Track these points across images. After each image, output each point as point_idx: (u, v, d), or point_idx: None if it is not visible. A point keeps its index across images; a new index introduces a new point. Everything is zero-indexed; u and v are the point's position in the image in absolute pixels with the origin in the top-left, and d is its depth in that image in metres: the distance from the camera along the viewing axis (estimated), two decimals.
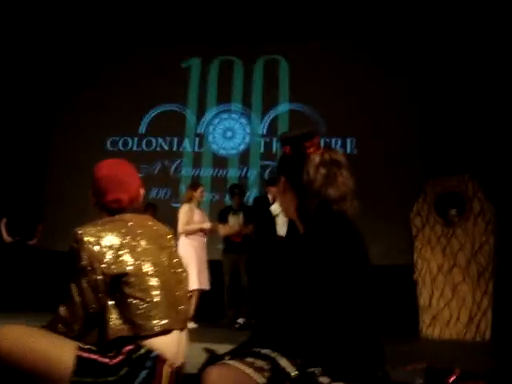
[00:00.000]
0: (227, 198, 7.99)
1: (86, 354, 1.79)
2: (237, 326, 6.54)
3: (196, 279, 6.36)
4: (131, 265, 1.85)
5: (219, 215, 6.99)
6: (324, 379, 1.61)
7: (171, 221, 7.27)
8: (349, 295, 1.74)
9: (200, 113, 9.18)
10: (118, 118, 9.18)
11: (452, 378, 2.30)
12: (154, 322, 1.83)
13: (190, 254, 6.41)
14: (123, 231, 1.92)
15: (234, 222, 6.90)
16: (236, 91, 9.21)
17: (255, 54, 9.27)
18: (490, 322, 6.28)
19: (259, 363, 1.64)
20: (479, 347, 5.94)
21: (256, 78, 9.20)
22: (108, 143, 9.22)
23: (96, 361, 1.77)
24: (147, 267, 1.88)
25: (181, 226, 6.55)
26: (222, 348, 1.95)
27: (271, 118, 8.96)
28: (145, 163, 8.89)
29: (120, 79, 9.37)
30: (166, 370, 1.82)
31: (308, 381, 1.60)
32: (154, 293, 1.86)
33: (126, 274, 1.84)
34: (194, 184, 7.06)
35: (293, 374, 1.61)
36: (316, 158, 1.93)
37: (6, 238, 7.48)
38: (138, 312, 1.82)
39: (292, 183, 1.96)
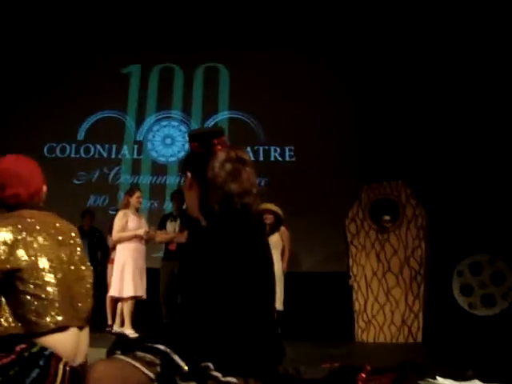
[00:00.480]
0: (166, 205, 7.94)
1: None
2: None
3: (131, 286, 6.26)
4: (25, 260, 1.81)
5: (160, 222, 6.93)
6: (216, 374, 1.61)
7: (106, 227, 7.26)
8: (242, 291, 1.75)
9: (139, 120, 9.10)
10: (56, 124, 8.97)
11: (362, 374, 2.33)
12: (48, 318, 1.78)
13: (125, 260, 6.30)
14: (19, 227, 1.87)
15: (171, 228, 6.84)
16: (176, 98, 9.18)
17: (195, 61, 9.26)
18: (422, 323, 6.44)
19: (150, 357, 1.63)
20: (411, 348, 6.07)
21: (196, 85, 9.19)
22: (45, 149, 9.01)
23: None
24: (43, 263, 1.84)
25: (114, 233, 6.45)
26: None
27: (211, 125, 8.95)
28: (83, 170, 8.75)
29: (59, 85, 9.17)
30: (61, 369, 1.77)
31: (200, 375, 1.60)
32: (50, 289, 1.81)
33: (19, 270, 1.79)
34: (131, 189, 6.93)
35: (184, 367, 1.61)
36: (222, 155, 1.96)
37: None
38: (32, 308, 1.78)
39: (198, 179, 1.97)
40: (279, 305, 6.84)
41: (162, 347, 1.65)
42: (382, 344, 6.37)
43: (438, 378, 2.83)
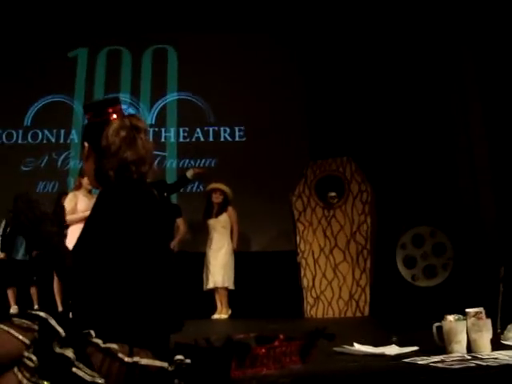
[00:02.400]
0: None
1: None
2: None
3: None
4: None
5: None
6: (97, 340, 1.62)
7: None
8: (131, 260, 1.76)
9: (87, 103, 8.94)
10: (1, 109, 8.79)
11: (275, 342, 2.37)
12: None
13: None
14: None
15: None
16: (124, 81, 9.08)
17: (143, 43, 9.17)
18: (369, 297, 6.55)
19: (27, 323, 1.63)
20: (358, 322, 6.18)
21: (144, 67, 9.11)
22: None
23: None
24: None
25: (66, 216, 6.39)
26: None
27: (160, 107, 8.90)
28: (31, 156, 8.63)
29: (3, 70, 8.98)
30: None
31: (79, 340, 1.61)
32: None
33: None
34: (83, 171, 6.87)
35: (61, 332, 1.62)
36: (116, 123, 1.97)
37: None
38: None
39: (94, 149, 1.98)
40: (230, 284, 6.94)
41: (41, 313, 1.66)
42: (330, 319, 6.46)
43: (355, 344, 2.89)
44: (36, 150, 8.71)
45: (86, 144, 2.00)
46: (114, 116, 1.99)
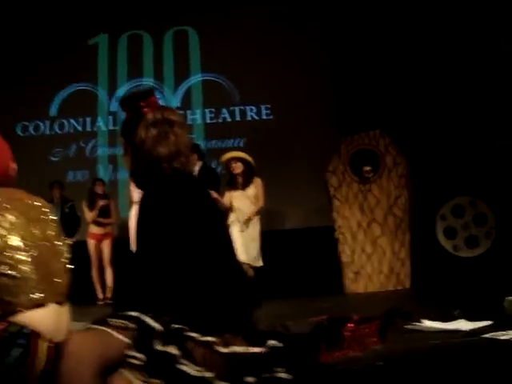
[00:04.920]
0: None
1: None
2: None
3: None
4: None
5: None
6: (194, 334, 1.61)
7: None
8: (196, 250, 1.75)
9: (111, 90, 8.93)
10: (26, 102, 8.79)
11: (349, 324, 2.35)
12: (24, 297, 1.76)
13: None
14: None
15: None
16: (147, 65, 9.01)
17: (163, 26, 9.07)
18: (409, 270, 6.52)
19: (123, 323, 1.62)
20: (401, 295, 6.16)
21: (166, 50, 9.02)
22: (18, 128, 8.86)
23: None
24: (15, 241, 1.80)
25: None
26: None
27: (184, 89, 8.84)
28: (59, 146, 8.63)
29: (26, 62, 8.95)
30: (43, 346, 1.76)
31: (176, 336, 1.60)
32: (24, 267, 1.78)
33: None
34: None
35: (159, 328, 1.61)
36: (148, 118, 1.94)
37: None
38: (6, 288, 1.75)
39: (130, 144, 1.96)
40: (258, 261, 6.20)
41: (133, 313, 1.65)
42: (371, 293, 6.45)
43: (423, 321, 2.86)
44: (64, 140, 8.71)
45: (123, 140, 2.00)
46: (147, 110, 1.95)
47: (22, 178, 2.17)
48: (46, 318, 1.80)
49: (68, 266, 1.98)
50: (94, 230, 7.05)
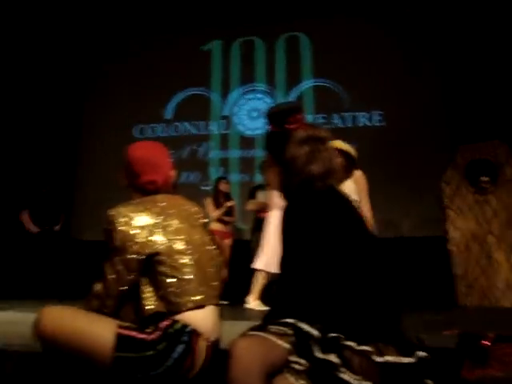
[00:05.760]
0: (256, 177, 8.04)
1: (125, 332, 1.85)
2: None
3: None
4: (163, 244, 1.90)
5: (249, 193, 7.03)
6: (350, 343, 1.64)
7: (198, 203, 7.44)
8: (348, 263, 1.76)
9: (224, 95, 9.20)
10: (143, 105, 9.25)
11: (486, 342, 2.29)
12: (187, 298, 1.87)
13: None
14: (155, 211, 1.97)
15: (262, 197, 6.90)
16: (259, 71, 9.19)
17: (275, 32, 9.21)
18: None
19: (283, 329, 1.67)
20: None
21: (278, 56, 9.16)
22: (136, 131, 9.31)
23: (134, 337, 1.83)
24: (179, 246, 1.92)
25: None
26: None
27: (296, 95, 8.92)
28: (173, 148, 8.95)
29: (143, 67, 9.43)
30: (202, 344, 1.87)
31: (333, 344, 1.63)
32: (187, 270, 1.90)
33: (158, 253, 1.89)
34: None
35: (316, 334, 1.65)
36: (299, 135, 1.93)
37: (33, 228, 7.62)
38: (171, 289, 1.87)
39: (276, 160, 1.97)
40: None
41: (290, 320, 1.70)
42: (485, 308, 6.22)
43: None
44: (178, 142, 9.04)
45: (268, 154, 2.01)
46: (295, 126, 1.96)
47: None
48: (206, 319, 1.91)
49: (219, 269, 2.09)
50: (216, 226, 7.13)
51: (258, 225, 6.77)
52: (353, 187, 4.91)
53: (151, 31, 9.48)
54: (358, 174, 4.91)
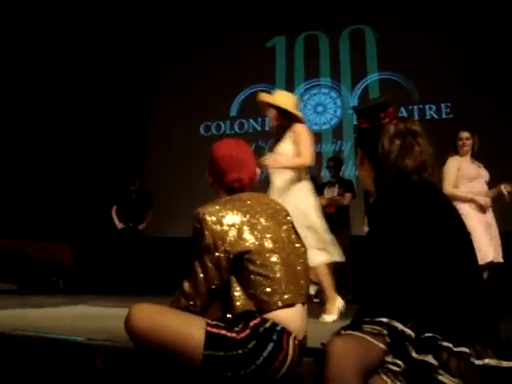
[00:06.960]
0: (323, 172, 8.00)
1: (214, 330, 1.87)
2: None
3: None
4: (253, 242, 1.91)
5: (317, 189, 7.01)
6: (447, 344, 1.60)
7: None
8: (445, 261, 1.72)
9: (289, 90, 9.10)
10: (208, 103, 9.36)
11: None
12: (277, 297, 1.88)
13: None
14: (243, 210, 1.98)
15: (330, 194, 6.95)
16: (323, 65, 9.14)
17: (339, 26, 9.15)
18: None
19: (377, 329, 1.66)
20: None
21: (342, 49, 9.08)
22: (202, 128, 9.44)
23: (224, 336, 1.85)
24: (268, 244, 1.93)
25: None
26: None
27: (361, 88, 8.82)
28: None
29: (207, 65, 9.55)
30: (292, 343, 1.87)
31: (430, 344, 1.60)
32: (276, 269, 1.91)
33: (248, 252, 1.90)
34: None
35: (411, 334, 1.62)
36: (391, 129, 1.91)
37: (118, 224, 7.86)
38: (261, 288, 1.88)
39: (369, 156, 1.96)
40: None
41: (383, 319, 1.68)
42: None
43: None
44: (243, 139, 9.05)
45: (360, 151, 1.99)
46: (386, 120, 1.94)
47: (204, 175, 2.29)
48: (295, 318, 1.92)
49: (307, 267, 2.09)
50: None
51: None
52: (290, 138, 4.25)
53: (215, 30, 9.58)
54: (298, 126, 4.27)
